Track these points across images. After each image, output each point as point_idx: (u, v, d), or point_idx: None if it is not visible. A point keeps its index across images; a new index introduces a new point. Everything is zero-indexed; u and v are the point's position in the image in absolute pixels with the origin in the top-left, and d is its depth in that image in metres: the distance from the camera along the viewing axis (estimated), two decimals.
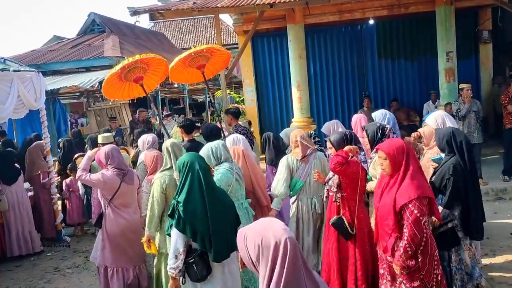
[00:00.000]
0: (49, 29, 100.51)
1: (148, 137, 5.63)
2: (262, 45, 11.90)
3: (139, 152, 6.07)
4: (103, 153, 4.84)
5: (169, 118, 12.85)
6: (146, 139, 5.58)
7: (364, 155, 4.80)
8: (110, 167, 4.77)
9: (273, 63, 11.93)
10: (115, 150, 4.93)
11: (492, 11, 10.68)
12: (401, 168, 3.38)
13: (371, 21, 11.08)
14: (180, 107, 22.69)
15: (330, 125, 5.95)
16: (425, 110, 10.10)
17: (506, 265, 5.19)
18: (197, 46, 7.13)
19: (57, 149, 8.42)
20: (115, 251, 4.84)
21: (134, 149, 7.82)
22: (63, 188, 7.64)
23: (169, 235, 3.51)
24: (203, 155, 4.04)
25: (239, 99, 15.45)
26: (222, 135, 6.59)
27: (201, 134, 6.56)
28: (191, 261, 3.31)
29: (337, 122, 6.03)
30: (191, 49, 6.67)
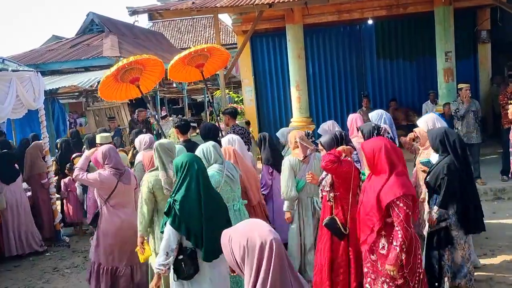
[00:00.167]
0: (48, 29, 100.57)
1: (145, 137, 5.63)
2: (261, 45, 11.90)
3: (136, 152, 6.07)
4: (100, 153, 4.86)
5: (166, 119, 12.85)
6: (143, 139, 5.59)
7: (356, 154, 4.81)
8: (107, 166, 4.79)
9: (272, 63, 11.93)
10: (113, 150, 4.94)
11: (490, 11, 10.69)
12: (379, 166, 3.42)
13: (370, 21, 11.09)
14: (179, 107, 22.71)
15: (326, 126, 5.94)
16: (423, 110, 10.10)
17: (505, 264, 5.19)
18: (196, 45, 7.14)
19: (55, 149, 8.40)
20: (108, 250, 4.88)
21: (132, 150, 7.81)
22: (61, 188, 7.64)
23: (162, 232, 3.54)
24: None
25: (238, 99, 15.45)
26: (221, 134, 6.59)
27: (199, 133, 6.56)
28: (180, 258, 3.35)
29: (333, 122, 6.02)
30: (191, 48, 6.68)
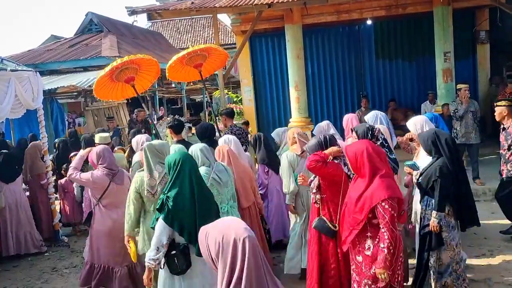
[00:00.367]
0: (47, 29, 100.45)
1: (142, 137, 5.64)
2: (260, 45, 11.91)
3: (131, 151, 6.06)
4: (94, 153, 4.92)
5: (163, 119, 12.85)
6: (140, 139, 5.60)
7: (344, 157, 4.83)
8: (100, 167, 4.84)
9: (271, 63, 11.94)
10: (107, 150, 4.98)
11: (489, 11, 10.71)
12: (362, 170, 3.45)
13: (369, 22, 11.10)
14: (177, 107, 22.71)
15: (321, 127, 5.94)
16: (422, 110, 10.12)
17: (503, 265, 5.20)
18: (195, 45, 7.15)
19: (53, 149, 8.40)
20: (101, 250, 4.92)
21: (128, 149, 7.79)
22: (58, 188, 7.63)
23: (153, 228, 3.58)
24: None
25: (237, 99, 15.47)
26: (219, 135, 6.59)
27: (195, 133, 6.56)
28: (173, 253, 3.40)
29: (328, 123, 6.02)
30: (189, 48, 6.68)
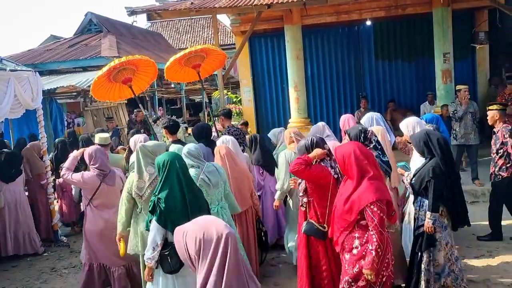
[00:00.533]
0: (46, 29, 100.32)
1: (140, 137, 5.65)
2: (259, 46, 11.91)
3: (129, 151, 6.06)
4: (86, 154, 4.98)
5: (159, 121, 12.80)
6: (138, 139, 5.61)
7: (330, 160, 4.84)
8: (92, 167, 4.91)
9: (271, 63, 11.94)
10: (99, 151, 5.03)
11: (488, 12, 10.72)
12: (350, 172, 3.47)
13: (368, 22, 11.11)
14: (177, 107, 22.68)
15: (317, 129, 5.93)
16: (421, 111, 10.13)
17: (502, 265, 5.21)
18: (194, 46, 7.15)
19: (53, 150, 8.39)
20: (94, 249, 4.98)
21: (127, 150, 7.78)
22: (56, 188, 7.62)
23: (148, 230, 3.64)
24: None
25: (236, 99, 15.47)
26: (217, 135, 6.60)
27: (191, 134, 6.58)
28: (166, 253, 3.44)
29: (324, 125, 6.02)
30: (187, 49, 6.69)
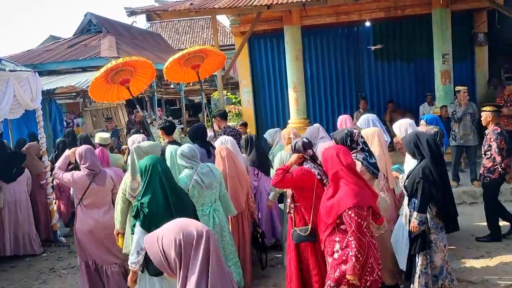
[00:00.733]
0: (46, 29, 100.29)
1: (138, 137, 5.66)
2: (259, 46, 11.91)
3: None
4: (77, 153, 5.00)
5: (155, 122, 12.79)
6: (136, 139, 5.61)
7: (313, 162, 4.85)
8: (82, 167, 4.93)
9: (270, 64, 11.94)
10: (89, 151, 5.04)
11: (487, 14, 10.74)
12: (329, 174, 3.51)
13: (368, 23, 11.11)
14: (176, 108, 22.67)
15: (312, 131, 5.92)
16: (421, 112, 10.13)
17: (501, 266, 5.21)
18: (193, 46, 7.15)
19: (53, 150, 8.39)
20: (85, 248, 5.03)
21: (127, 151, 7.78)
22: (54, 188, 7.62)
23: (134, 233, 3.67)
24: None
25: (235, 100, 15.47)
26: (214, 135, 6.62)
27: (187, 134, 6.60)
28: None
29: (319, 127, 6.02)
30: (185, 50, 6.70)
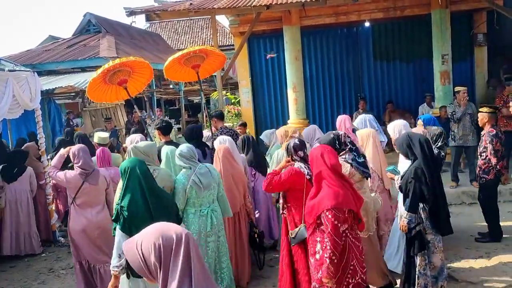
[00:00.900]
0: (45, 29, 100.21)
1: (136, 137, 5.68)
2: (258, 47, 11.91)
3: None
4: (71, 152, 5.03)
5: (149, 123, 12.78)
6: (134, 138, 5.63)
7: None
8: (75, 166, 4.96)
9: (269, 64, 11.94)
10: (82, 150, 5.06)
11: (487, 14, 10.75)
12: (314, 174, 3.52)
13: (367, 24, 11.12)
14: (175, 108, 22.66)
15: (308, 132, 5.90)
16: (420, 112, 10.13)
17: (500, 267, 5.21)
18: (193, 46, 7.15)
19: (52, 150, 8.38)
20: (78, 248, 5.06)
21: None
22: (51, 187, 7.61)
23: (114, 236, 3.70)
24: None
25: (235, 100, 15.44)
26: (211, 135, 6.62)
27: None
28: None
29: (315, 128, 6.01)
30: (184, 50, 6.69)
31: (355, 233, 3.51)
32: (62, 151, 5.35)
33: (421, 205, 4.15)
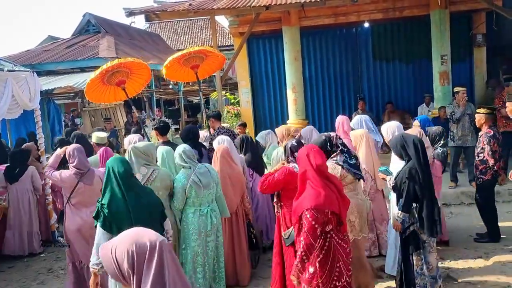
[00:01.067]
0: (44, 29, 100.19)
1: (134, 137, 5.69)
2: (257, 47, 11.92)
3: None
4: (67, 152, 5.02)
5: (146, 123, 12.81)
6: (132, 139, 5.64)
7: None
8: (70, 166, 4.95)
9: (269, 65, 11.95)
10: (78, 149, 5.04)
11: (486, 15, 10.75)
12: (299, 174, 3.51)
13: (366, 24, 11.13)
14: (175, 108, 22.64)
15: (306, 132, 5.89)
16: (419, 112, 10.14)
17: (499, 267, 5.21)
18: (192, 47, 7.16)
19: (52, 149, 8.38)
20: (73, 248, 5.05)
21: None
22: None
23: None
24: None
25: (234, 100, 15.44)
26: (209, 135, 6.63)
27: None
28: None
29: (312, 129, 6.01)
30: (184, 50, 6.70)
31: (342, 235, 3.45)
32: (58, 150, 5.34)
33: (414, 205, 4.16)
